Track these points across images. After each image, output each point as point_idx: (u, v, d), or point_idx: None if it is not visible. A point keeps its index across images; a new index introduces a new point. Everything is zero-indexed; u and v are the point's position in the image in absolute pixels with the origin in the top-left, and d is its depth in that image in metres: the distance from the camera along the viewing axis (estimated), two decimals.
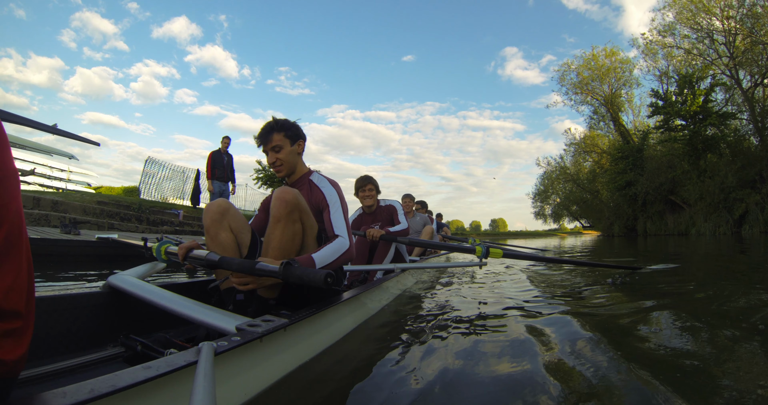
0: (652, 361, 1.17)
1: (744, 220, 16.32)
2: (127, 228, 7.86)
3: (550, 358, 1.24)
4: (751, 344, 1.29)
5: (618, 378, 1.05)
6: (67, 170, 12.32)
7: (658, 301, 2.07)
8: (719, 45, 18.44)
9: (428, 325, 1.74)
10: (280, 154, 1.53)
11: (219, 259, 1.18)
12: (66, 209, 7.43)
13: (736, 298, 2.12)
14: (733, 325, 1.55)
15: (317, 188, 1.55)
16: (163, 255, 1.51)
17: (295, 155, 1.58)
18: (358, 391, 1.02)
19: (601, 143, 25.98)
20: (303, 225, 1.38)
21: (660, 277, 3.13)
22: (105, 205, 8.37)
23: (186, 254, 1.31)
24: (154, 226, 8.75)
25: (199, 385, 0.58)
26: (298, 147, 1.58)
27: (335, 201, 1.52)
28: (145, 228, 8.33)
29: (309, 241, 1.42)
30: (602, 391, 0.98)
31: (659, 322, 1.67)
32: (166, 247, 1.51)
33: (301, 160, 1.63)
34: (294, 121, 1.63)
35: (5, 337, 0.56)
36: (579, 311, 1.95)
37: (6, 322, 0.56)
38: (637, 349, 1.33)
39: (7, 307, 0.55)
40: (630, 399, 0.93)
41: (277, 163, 1.55)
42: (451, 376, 1.10)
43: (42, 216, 6.55)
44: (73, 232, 5.02)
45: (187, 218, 10.00)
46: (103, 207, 8.17)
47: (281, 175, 1.59)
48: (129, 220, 8.35)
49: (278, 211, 1.30)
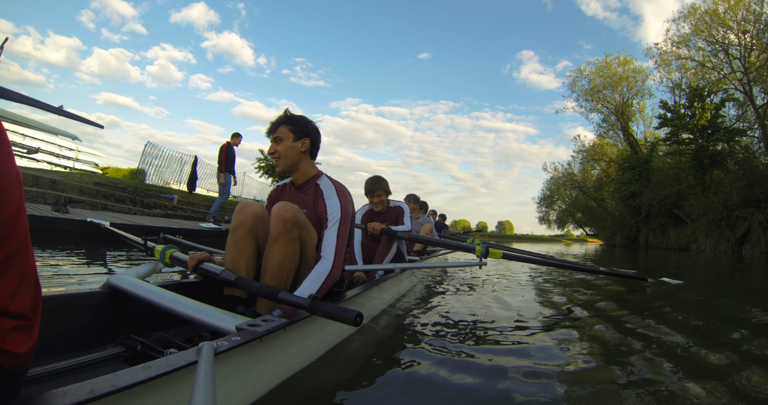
0: (642, 372, 1.18)
1: (746, 240, 15.99)
2: (120, 209, 8.18)
3: (550, 360, 1.23)
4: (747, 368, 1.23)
5: (610, 387, 1.05)
6: (75, 149, 12.79)
7: (655, 315, 2.00)
8: (734, 59, 18.01)
9: (428, 325, 1.74)
10: (279, 145, 1.50)
11: (235, 278, 1.15)
12: (63, 188, 7.76)
13: (736, 319, 2.05)
14: (731, 348, 1.49)
15: (322, 198, 1.50)
16: (167, 259, 1.48)
17: (297, 152, 1.52)
18: (358, 390, 1.02)
19: (609, 152, 25.64)
20: (302, 240, 1.37)
21: (663, 291, 3.06)
22: (101, 187, 8.71)
23: (196, 265, 1.27)
24: (147, 209, 9.07)
25: (199, 385, 0.58)
26: (302, 145, 1.52)
27: (335, 218, 1.44)
28: (138, 210, 8.65)
29: (309, 256, 1.42)
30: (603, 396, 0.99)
31: (653, 336, 1.62)
32: (171, 251, 1.47)
33: (306, 159, 1.56)
34: (312, 121, 1.60)
35: (15, 331, 0.59)
36: (578, 315, 1.92)
37: (14, 320, 0.59)
38: (630, 356, 1.32)
39: (14, 310, 0.58)
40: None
41: (275, 154, 1.51)
42: (451, 376, 1.10)
43: (39, 194, 6.88)
44: (62, 210, 5.30)
45: (181, 202, 10.32)
46: (99, 188, 8.51)
47: (279, 168, 1.54)
48: (123, 202, 8.68)
49: (276, 230, 1.30)
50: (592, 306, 2.31)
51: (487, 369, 1.17)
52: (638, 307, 2.33)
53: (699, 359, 1.35)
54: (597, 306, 2.31)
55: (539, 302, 2.40)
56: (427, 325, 1.75)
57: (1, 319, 0.57)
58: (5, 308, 0.57)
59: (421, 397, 0.97)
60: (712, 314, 2.21)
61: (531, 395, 0.98)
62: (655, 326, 1.78)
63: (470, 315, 1.98)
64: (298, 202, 1.53)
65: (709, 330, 1.80)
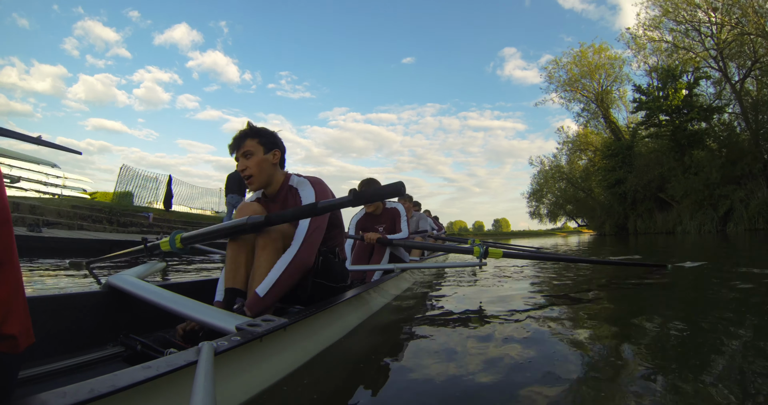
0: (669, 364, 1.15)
1: (729, 218, 15.91)
2: (96, 229, 8.80)
3: (553, 358, 1.24)
4: None
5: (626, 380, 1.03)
6: (62, 177, 13.60)
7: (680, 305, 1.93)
8: (706, 38, 17.96)
9: (428, 324, 1.76)
10: (250, 160, 1.41)
11: (265, 217, 1.22)
12: (42, 212, 8.41)
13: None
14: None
15: (297, 194, 1.47)
16: (178, 243, 1.46)
17: (269, 165, 1.45)
18: (358, 390, 1.03)
19: (594, 141, 25.50)
20: (284, 238, 1.36)
21: (689, 275, 2.96)
22: (78, 209, 9.33)
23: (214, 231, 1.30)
24: (123, 227, 9.67)
25: (199, 385, 0.58)
26: (273, 157, 1.46)
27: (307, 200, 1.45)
28: (114, 229, 9.27)
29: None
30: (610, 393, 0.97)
31: (672, 328, 1.55)
32: (180, 236, 1.49)
33: (277, 170, 1.49)
34: (273, 131, 1.52)
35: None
36: (578, 311, 1.90)
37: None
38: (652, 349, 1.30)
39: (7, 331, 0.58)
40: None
41: (247, 171, 1.41)
42: (451, 375, 1.11)
43: (19, 218, 7.51)
44: (36, 230, 6.06)
45: (158, 220, 10.89)
46: (76, 210, 9.14)
47: (254, 187, 1.46)
48: (99, 222, 9.29)
49: (263, 240, 1.32)
50: (599, 298, 2.31)
51: (487, 367, 1.17)
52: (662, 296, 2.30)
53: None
54: (599, 299, 2.32)
55: (543, 297, 2.39)
56: (427, 324, 1.77)
57: None
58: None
59: (422, 396, 0.97)
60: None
61: (534, 390, 0.99)
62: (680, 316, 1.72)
63: (470, 313, 1.99)
64: (271, 209, 1.48)
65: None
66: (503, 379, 1.07)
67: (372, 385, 1.06)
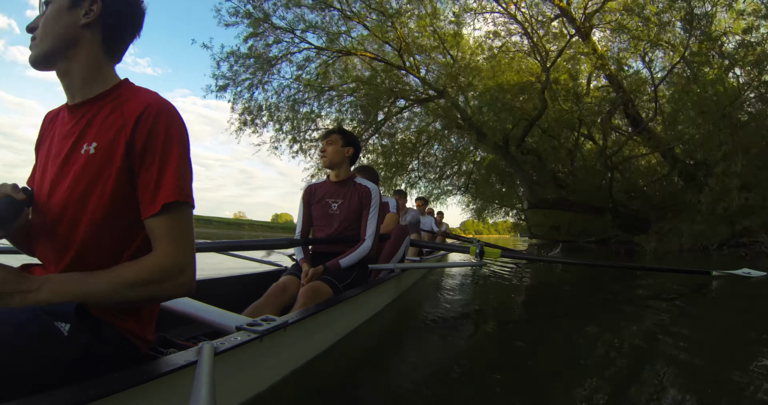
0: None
1: None
2: None
3: (553, 358, 1.24)
4: None
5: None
6: None
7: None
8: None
9: (428, 324, 1.77)
10: (329, 147, 1.82)
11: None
12: None
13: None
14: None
15: (363, 186, 1.82)
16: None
17: (342, 156, 1.82)
18: (358, 390, 1.03)
19: None
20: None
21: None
22: None
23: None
24: None
25: (199, 385, 0.58)
26: (346, 151, 1.84)
27: (376, 202, 1.80)
28: None
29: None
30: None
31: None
32: None
33: (347, 163, 1.87)
34: (355, 135, 1.99)
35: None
36: (579, 311, 1.91)
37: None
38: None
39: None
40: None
41: (325, 152, 1.82)
42: (451, 375, 1.11)
43: None
44: None
45: None
46: None
47: (324, 164, 1.87)
48: None
49: (306, 301, 1.45)
50: (598, 298, 2.31)
51: (487, 368, 1.17)
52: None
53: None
54: (599, 299, 2.30)
55: (543, 298, 2.40)
56: (427, 323, 1.78)
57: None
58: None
59: (422, 394, 0.97)
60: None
61: (534, 390, 0.99)
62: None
63: (470, 313, 1.99)
64: (337, 193, 1.84)
65: None
66: (503, 378, 1.07)
67: (372, 384, 1.07)
